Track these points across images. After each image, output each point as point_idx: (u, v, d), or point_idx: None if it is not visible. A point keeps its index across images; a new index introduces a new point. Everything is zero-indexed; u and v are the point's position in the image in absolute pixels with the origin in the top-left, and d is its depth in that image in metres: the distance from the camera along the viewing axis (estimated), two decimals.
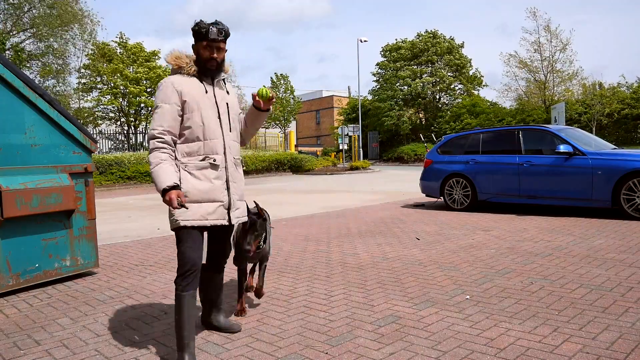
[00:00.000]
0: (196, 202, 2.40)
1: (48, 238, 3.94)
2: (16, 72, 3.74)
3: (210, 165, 2.46)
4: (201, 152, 2.46)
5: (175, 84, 2.45)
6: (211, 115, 2.48)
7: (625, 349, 2.37)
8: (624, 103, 25.17)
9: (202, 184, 2.42)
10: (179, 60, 2.55)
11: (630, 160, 6.50)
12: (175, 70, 2.55)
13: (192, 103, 2.44)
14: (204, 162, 2.45)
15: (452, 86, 33.74)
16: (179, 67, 2.53)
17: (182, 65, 2.53)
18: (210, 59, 2.49)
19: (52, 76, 23.87)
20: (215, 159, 2.47)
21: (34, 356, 2.56)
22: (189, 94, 2.44)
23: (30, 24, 22.84)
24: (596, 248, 4.72)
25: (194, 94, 2.45)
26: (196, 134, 2.44)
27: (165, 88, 2.45)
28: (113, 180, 17.75)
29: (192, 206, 2.37)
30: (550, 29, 27.99)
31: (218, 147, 2.49)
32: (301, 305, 3.27)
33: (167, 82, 2.48)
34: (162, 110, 2.40)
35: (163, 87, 2.46)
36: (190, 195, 2.38)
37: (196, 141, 2.45)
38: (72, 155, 4.14)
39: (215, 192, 2.46)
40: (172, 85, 2.45)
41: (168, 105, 2.41)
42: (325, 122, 47.81)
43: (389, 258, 4.62)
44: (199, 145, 2.45)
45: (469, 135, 8.59)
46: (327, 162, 27.48)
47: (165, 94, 2.43)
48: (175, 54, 2.56)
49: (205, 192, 2.42)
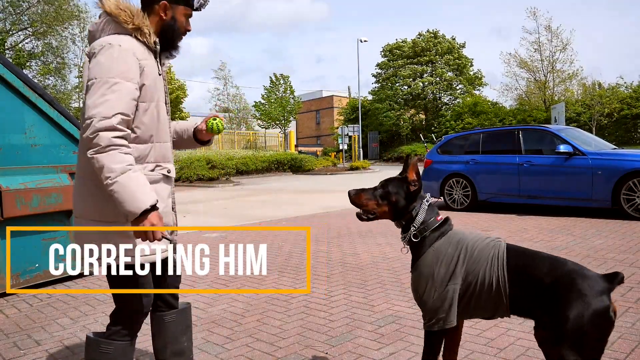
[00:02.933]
0: None
1: (48, 238, 3.94)
2: (16, 72, 3.73)
3: (164, 178, 1.82)
4: (151, 158, 1.77)
5: (137, 54, 1.67)
6: (165, 110, 1.83)
7: (625, 349, 2.37)
8: (623, 103, 25.18)
9: None
10: (135, 18, 1.70)
11: (630, 160, 6.50)
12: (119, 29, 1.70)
13: (152, 88, 1.72)
14: (155, 172, 1.78)
15: (453, 86, 33.75)
16: (135, 29, 1.70)
17: (141, 27, 1.71)
18: (185, 32, 1.83)
19: (51, 74, 23.88)
20: (169, 169, 1.84)
21: (34, 356, 2.56)
22: (150, 74, 1.72)
23: (29, 21, 22.85)
24: (596, 248, 4.72)
25: (154, 77, 1.74)
26: (150, 133, 1.75)
27: (126, 56, 1.63)
28: None
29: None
30: (551, 29, 28.04)
31: (168, 153, 1.86)
32: (301, 305, 3.26)
33: (127, 47, 1.65)
34: (121, 89, 1.60)
35: (121, 54, 1.63)
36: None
37: (148, 142, 1.75)
38: (72, 155, 4.13)
39: (167, 216, 1.82)
40: (135, 55, 1.66)
41: (130, 84, 1.63)
42: (325, 122, 47.82)
43: (389, 258, 4.62)
44: (149, 148, 1.76)
45: (469, 135, 8.59)
46: (327, 162, 27.48)
47: (127, 65, 1.63)
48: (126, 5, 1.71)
49: None
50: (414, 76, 33.22)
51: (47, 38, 23.46)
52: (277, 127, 35.05)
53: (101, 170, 1.55)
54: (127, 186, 1.56)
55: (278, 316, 3.07)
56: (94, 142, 1.55)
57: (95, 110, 1.56)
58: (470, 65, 33.93)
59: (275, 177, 21.63)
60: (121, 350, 1.81)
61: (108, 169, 1.54)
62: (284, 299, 3.44)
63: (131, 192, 1.56)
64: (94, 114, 1.56)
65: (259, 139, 30.53)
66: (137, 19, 1.70)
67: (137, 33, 1.70)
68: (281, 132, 34.04)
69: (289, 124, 35.69)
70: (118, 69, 1.61)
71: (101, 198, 1.67)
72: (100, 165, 1.55)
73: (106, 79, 1.59)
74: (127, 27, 1.69)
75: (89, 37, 1.78)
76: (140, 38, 1.71)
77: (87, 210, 1.75)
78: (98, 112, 1.56)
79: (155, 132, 1.77)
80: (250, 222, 7.56)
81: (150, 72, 1.71)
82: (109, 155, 1.55)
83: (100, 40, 1.67)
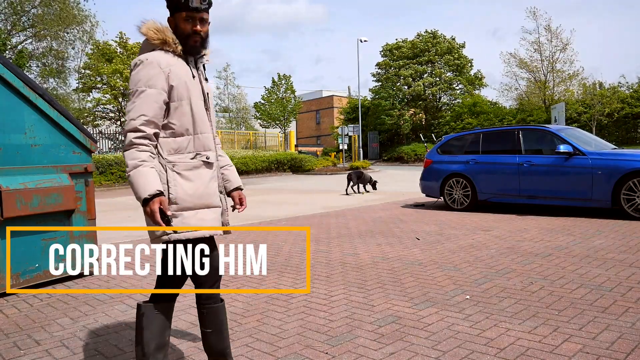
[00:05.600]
0: (189, 209, 1.97)
1: (48, 238, 3.94)
2: (16, 72, 3.74)
3: (204, 164, 2.05)
4: (191, 148, 2.03)
5: (162, 64, 1.96)
6: (200, 105, 2.06)
7: (625, 349, 2.37)
8: (624, 102, 25.18)
9: (195, 187, 1.98)
10: (161, 33, 2.01)
11: (630, 160, 6.50)
12: (152, 46, 2.02)
13: (182, 89, 1.99)
14: (196, 160, 2.03)
15: (452, 86, 33.75)
16: (162, 42, 2.01)
17: (166, 40, 2.01)
18: (194, 34, 2.01)
19: (52, 77, 23.89)
20: (208, 156, 2.06)
21: (34, 356, 2.56)
22: (177, 77, 1.98)
23: (30, 23, 22.85)
24: (596, 248, 4.72)
25: (183, 78, 2.00)
26: (185, 127, 2.01)
27: (150, 68, 1.94)
28: (113, 180, 17.75)
29: (185, 215, 1.96)
30: (551, 29, 28.04)
31: (209, 143, 2.09)
32: (301, 305, 3.26)
33: (152, 60, 1.95)
34: (145, 96, 1.91)
35: (146, 67, 1.94)
36: (181, 201, 1.95)
37: (185, 135, 2.01)
38: (72, 155, 4.14)
39: (211, 197, 2.05)
40: (159, 65, 1.95)
41: (154, 90, 1.92)
42: (325, 122, 47.82)
43: (389, 258, 4.62)
44: (188, 140, 2.02)
45: (469, 135, 8.59)
46: (327, 162, 27.48)
47: (150, 75, 1.93)
48: (155, 26, 2.02)
49: (199, 197, 1.99)
50: (414, 76, 33.21)
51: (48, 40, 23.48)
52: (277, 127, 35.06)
53: (126, 162, 1.91)
54: (135, 179, 1.86)
55: (278, 316, 3.07)
56: (125, 141, 1.92)
57: (127, 115, 1.93)
58: (470, 65, 33.92)
59: (275, 177, 21.62)
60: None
61: (126, 164, 1.90)
62: (284, 299, 3.44)
63: (137, 183, 1.85)
64: (126, 118, 1.93)
65: (259, 138, 30.53)
66: (161, 34, 2.01)
67: (164, 46, 2.01)
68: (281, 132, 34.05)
69: (289, 124, 35.70)
70: (143, 79, 1.93)
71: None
72: (125, 160, 1.92)
73: (135, 88, 1.93)
74: (155, 43, 2.01)
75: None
76: (167, 49, 2.01)
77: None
78: (128, 116, 1.92)
79: (191, 126, 2.02)
80: (250, 222, 7.56)
81: (177, 75, 1.98)
82: (129, 153, 1.90)
83: (135, 59, 2.01)
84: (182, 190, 1.96)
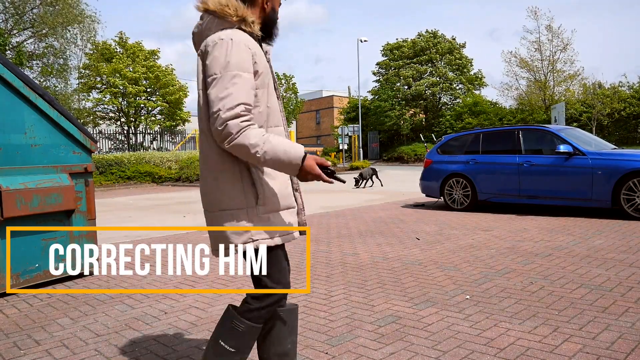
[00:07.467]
0: (275, 212, 1.75)
1: (48, 238, 3.94)
2: (16, 72, 3.74)
3: None
4: None
5: (249, 45, 1.68)
6: (273, 95, 1.81)
7: (625, 349, 2.37)
8: (624, 102, 25.18)
9: (279, 186, 1.77)
10: (240, 10, 1.71)
11: (630, 160, 6.50)
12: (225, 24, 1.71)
13: (265, 76, 1.73)
14: None
15: (453, 85, 33.76)
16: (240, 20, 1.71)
17: (245, 19, 1.72)
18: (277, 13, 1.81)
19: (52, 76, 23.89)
20: None
21: (34, 356, 2.56)
22: (261, 62, 1.71)
23: (31, 23, 22.85)
24: (596, 248, 4.72)
25: (265, 64, 1.74)
26: (263, 118, 1.74)
27: (240, 49, 1.64)
28: (113, 180, 17.76)
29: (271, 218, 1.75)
30: (552, 29, 28.03)
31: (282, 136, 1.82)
32: (301, 305, 3.26)
33: (238, 40, 1.66)
34: (242, 81, 1.62)
35: (236, 47, 1.64)
36: (269, 203, 1.73)
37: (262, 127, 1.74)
38: (72, 155, 4.14)
39: (291, 196, 1.84)
40: (247, 46, 1.66)
41: (248, 75, 1.65)
42: (325, 122, 47.83)
43: (389, 258, 4.62)
44: None
45: (468, 135, 8.59)
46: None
47: (242, 57, 1.64)
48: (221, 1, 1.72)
49: (282, 198, 1.78)
50: (415, 76, 33.21)
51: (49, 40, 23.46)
52: None
53: (246, 150, 1.59)
54: (276, 148, 1.60)
55: None
56: (224, 133, 1.58)
57: (220, 103, 1.59)
58: (470, 65, 33.93)
59: None
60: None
61: (251, 145, 1.58)
62: None
63: (283, 151, 1.61)
64: (219, 107, 1.59)
65: None
66: (240, 11, 1.71)
67: (242, 24, 1.72)
68: None
69: (289, 124, 35.73)
70: (234, 62, 1.63)
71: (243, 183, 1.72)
72: (242, 147, 1.58)
73: (225, 72, 1.62)
74: (232, 20, 1.70)
75: (195, 38, 1.82)
76: (245, 29, 1.72)
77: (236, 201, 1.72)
78: (223, 104, 1.59)
79: (267, 117, 1.77)
80: None
81: (260, 60, 1.72)
82: (244, 136, 1.58)
83: (211, 37, 1.68)
84: (269, 189, 1.74)
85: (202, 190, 1.81)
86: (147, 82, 26.16)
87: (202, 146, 1.77)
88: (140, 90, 25.58)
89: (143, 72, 25.75)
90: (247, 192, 1.71)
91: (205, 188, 1.78)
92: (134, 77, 25.32)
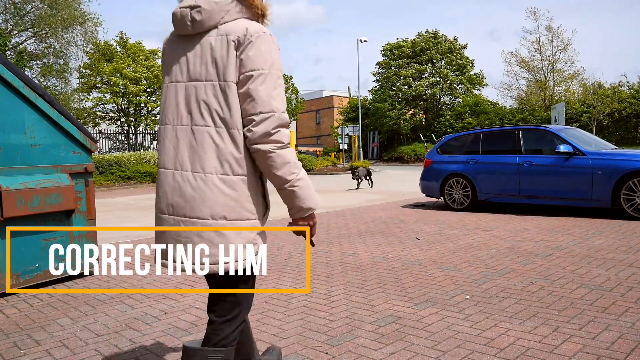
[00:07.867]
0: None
1: (48, 238, 3.94)
2: (16, 72, 3.74)
3: None
4: None
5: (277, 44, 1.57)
6: None
7: (625, 349, 2.37)
8: (625, 102, 25.18)
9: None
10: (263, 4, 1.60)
11: (630, 160, 6.50)
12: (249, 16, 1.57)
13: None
14: None
15: (453, 85, 33.75)
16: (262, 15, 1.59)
17: (265, 14, 1.61)
18: None
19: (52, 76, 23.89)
20: None
21: (34, 356, 2.56)
22: None
23: (32, 23, 22.85)
24: (596, 248, 4.72)
25: None
26: None
27: (278, 49, 1.55)
28: (113, 180, 17.76)
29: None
30: (552, 29, 28.04)
31: None
32: (301, 305, 3.26)
33: (273, 38, 1.54)
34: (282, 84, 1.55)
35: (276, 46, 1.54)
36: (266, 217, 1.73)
37: None
38: (72, 155, 4.14)
39: None
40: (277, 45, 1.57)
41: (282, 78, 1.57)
42: (325, 122, 47.84)
43: (389, 258, 4.62)
44: None
45: (469, 135, 8.59)
46: (327, 162, 27.49)
47: (279, 58, 1.54)
48: None
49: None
50: (415, 76, 33.20)
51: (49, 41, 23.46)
52: None
53: (286, 166, 1.51)
54: (308, 182, 1.57)
55: (278, 316, 3.07)
56: (274, 137, 1.47)
57: (274, 103, 1.48)
58: (471, 65, 33.92)
59: None
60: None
61: (295, 164, 1.52)
62: (284, 299, 3.44)
63: (310, 188, 1.58)
64: (274, 108, 1.48)
65: None
66: (263, 5, 1.60)
67: (261, 20, 1.59)
68: None
69: (289, 124, 35.74)
70: (277, 62, 1.53)
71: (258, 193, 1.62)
72: (286, 160, 1.50)
73: (273, 71, 1.50)
74: (257, 12, 1.57)
75: (205, 15, 1.53)
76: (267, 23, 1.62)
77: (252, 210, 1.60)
78: (277, 106, 1.49)
79: None
80: None
81: None
82: (291, 152, 1.52)
83: (252, 27, 1.51)
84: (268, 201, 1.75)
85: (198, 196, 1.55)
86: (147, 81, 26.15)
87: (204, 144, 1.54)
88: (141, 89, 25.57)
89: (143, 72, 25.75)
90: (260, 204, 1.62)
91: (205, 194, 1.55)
92: (134, 77, 25.32)
